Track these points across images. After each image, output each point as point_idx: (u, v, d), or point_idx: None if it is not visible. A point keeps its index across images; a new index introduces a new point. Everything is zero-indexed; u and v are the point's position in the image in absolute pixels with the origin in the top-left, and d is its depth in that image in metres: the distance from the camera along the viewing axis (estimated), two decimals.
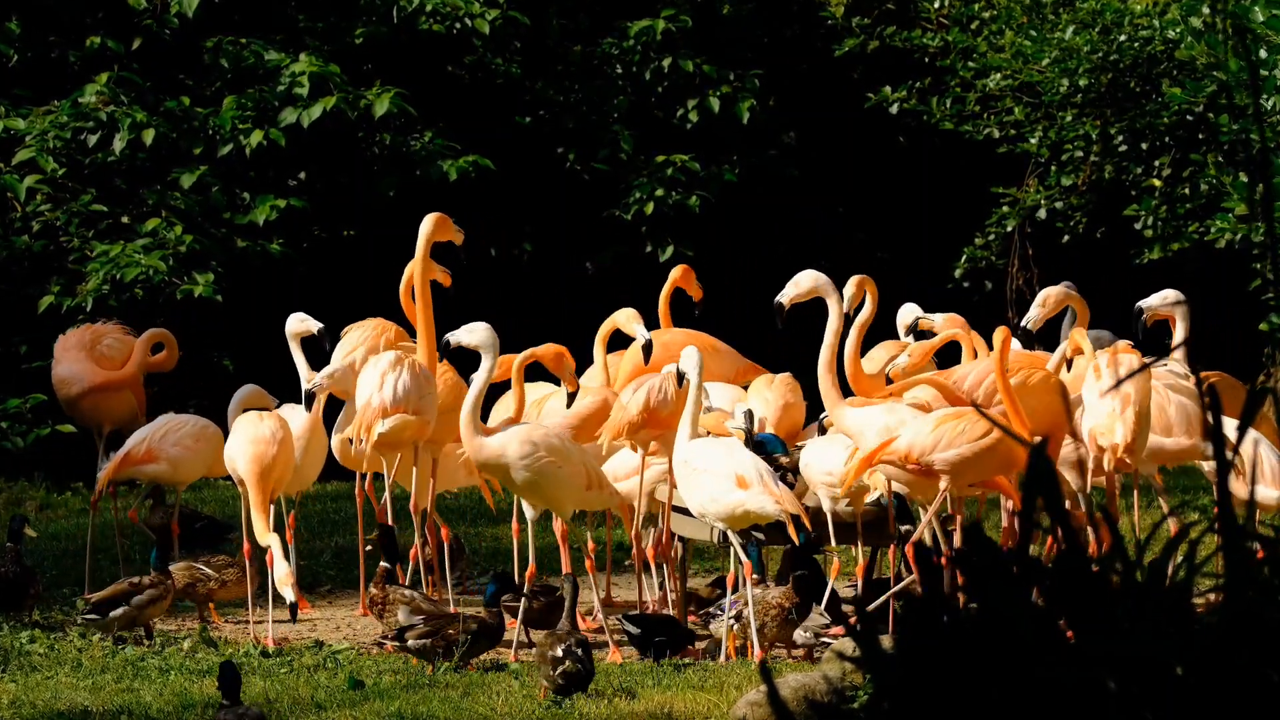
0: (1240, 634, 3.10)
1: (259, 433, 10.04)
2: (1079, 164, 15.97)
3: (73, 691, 8.67)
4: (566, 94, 18.24)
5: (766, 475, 9.20)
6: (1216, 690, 3.07)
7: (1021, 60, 15.38)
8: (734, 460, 9.24)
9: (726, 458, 9.26)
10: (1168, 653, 3.08)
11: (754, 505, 9.16)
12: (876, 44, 16.98)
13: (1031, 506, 3.28)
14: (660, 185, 17.71)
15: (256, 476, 9.91)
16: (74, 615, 10.49)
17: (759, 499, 9.14)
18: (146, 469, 10.85)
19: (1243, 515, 3.29)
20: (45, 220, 15.94)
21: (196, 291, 15.43)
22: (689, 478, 9.33)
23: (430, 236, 10.32)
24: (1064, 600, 3.19)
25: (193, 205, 16.02)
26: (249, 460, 9.96)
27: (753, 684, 8.49)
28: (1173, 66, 14.85)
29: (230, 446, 10.11)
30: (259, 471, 9.92)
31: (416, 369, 9.91)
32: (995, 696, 3.10)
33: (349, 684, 8.72)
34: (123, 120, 15.94)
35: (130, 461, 10.79)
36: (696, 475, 9.28)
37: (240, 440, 10.05)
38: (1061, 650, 3.14)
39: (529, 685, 8.72)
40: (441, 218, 10.35)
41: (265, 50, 16.63)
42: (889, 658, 3.21)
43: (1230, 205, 13.71)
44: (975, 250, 16.59)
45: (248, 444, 10.02)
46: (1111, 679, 3.06)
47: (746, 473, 9.17)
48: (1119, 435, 9.19)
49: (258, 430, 10.03)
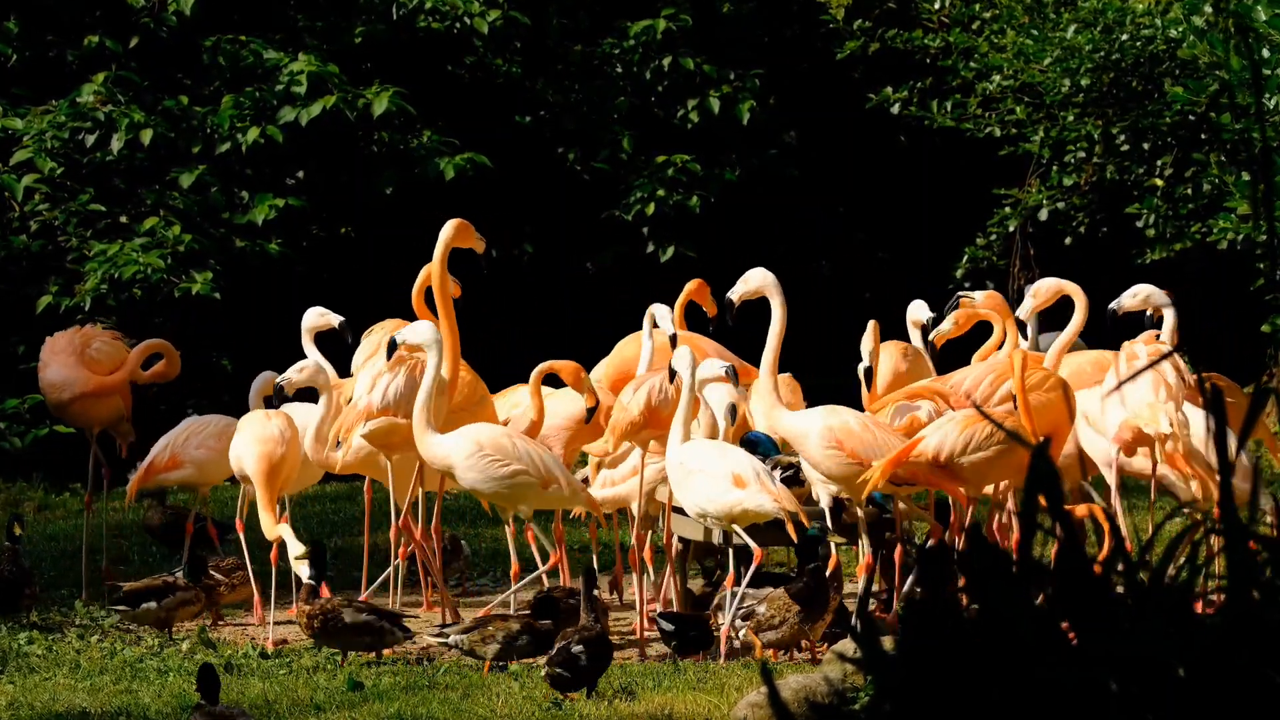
0: (1242, 635, 3.10)
1: (267, 431, 10.03)
2: (1081, 164, 15.97)
3: (71, 693, 8.67)
4: (567, 94, 18.25)
5: (763, 473, 9.21)
6: (1218, 691, 3.07)
7: (1023, 60, 15.38)
8: (730, 460, 9.25)
9: (721, 458, 9.27)
10: (1169, 654, 3.09)
11: (752, 504, 9.16)
12: (877, 46, 16.99)
13: (1033, 507, 3.28)
14: (661, 186, 17.71)
15: (264, 475, 9.89)
16: (72, 616, 10.49)
17: (757, 497, 9.15)
18: (172, 475, 10.82)
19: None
20: (43, 220, 15.94)
21: (195, 290, 15.44)
22: (684, 480, 9.33)
23: (449, 242, 10.09)
24: (1065, 601, 3.19)
25: (191, 205, 16.03)
26: (257, 459, 9.94)
27: (753, 685, 8.49)
28: (1175, 66, 14.86)
29: (237, 445, 10.09)
30: (267, 470, 9.90)
31: (416, 373, 9.85)
32: (997, 698, 3.11)
33: (348, 685, 8.72)
34: (120, 120, 15.94)
35: (155, 470, 10.77)
36: (692, 477, 9.29)
37: (248, 439, 10.04)
38: (1063, 651, 3.15)
39: (529, 687, 8.72)
40: (463, 223, 10.15)
41: (264, 49, 16.63)
42: (890, 659, 3.22)
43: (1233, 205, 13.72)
44: (976, 250, 16.59)
45: (255, 443, 10.00)
46: (1113, 680, 3.07)
47: (743, 471, 9.17)
48: (1164, 425, 9.15)
49: (265, 429, 10.02)
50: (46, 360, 11.57)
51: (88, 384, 11.44)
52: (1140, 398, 9.25)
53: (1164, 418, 9.17)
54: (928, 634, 3.22)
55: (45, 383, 11.52)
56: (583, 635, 8.58)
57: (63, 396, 11.43)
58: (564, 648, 8.52)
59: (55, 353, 11.57)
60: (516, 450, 9.51)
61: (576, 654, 8.50)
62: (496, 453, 9.48)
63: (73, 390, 11.40)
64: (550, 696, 8.50)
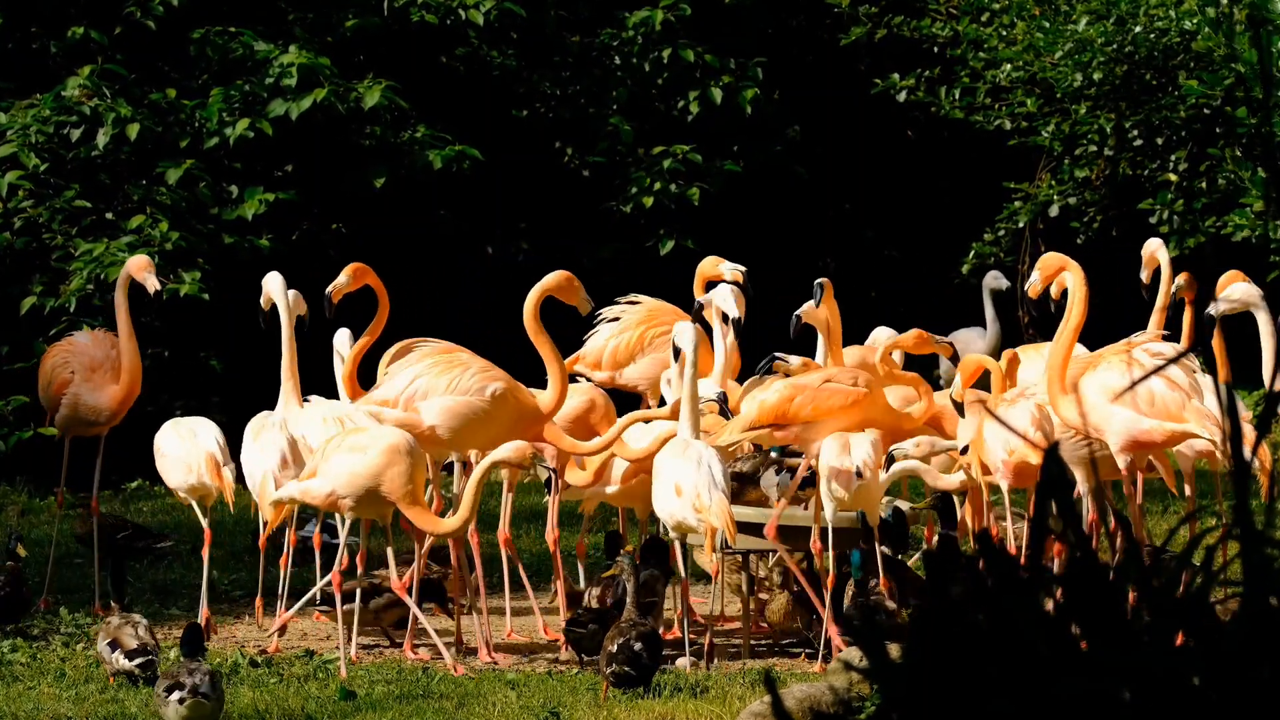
0: (1260, 643, 3.10)
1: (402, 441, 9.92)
2: (1093, 158, 15.97)
3: (55, 702, 8.67)
4: (564, 86, 18.25)
5: (704, 486, 9.08)
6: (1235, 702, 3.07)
7: (1033, 53, 15.38)
8: (679, 468, 9.21)
9: (672, 464, 9.25)
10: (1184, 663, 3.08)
11: (680, 515, 9.16)
12: (884, 33, 16.99)
13: (1045, 511, 3.28)
14: (660, 177, 17.71)
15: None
16: (57, 624, 10.48)
17: (684, 510, 9.12)
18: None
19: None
20: (27, 217, 15.92)
21: (183, 291, 15.43)
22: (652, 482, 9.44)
23: (548, 289, 9.97)
24: (1077, 608, 3.19)
25: (179, 200, 16.01)
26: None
27: (756, 694, 8.49)
28: (1189, 58, 14.86)
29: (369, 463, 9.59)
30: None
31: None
32: (1007, 708, 3.10)
33: (340, 695, 8.71)
34: (107, 114, 15.93)
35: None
36: (655, 480, 9.37)
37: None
38: (1075, 660, 3.14)
39: (526, 696, 8.73)
40: (569, 276, 9.98)
41: (254, 41, 16.63)
42: (897, 668, 3.21)
43: (1248, 201, 13.72)
44: (984, 246, 16.57)
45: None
46: (1126, 690, 3.06)
47: (683, 481, 9.16)
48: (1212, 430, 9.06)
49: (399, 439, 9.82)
50: (87, 381, 10.91)
51: (128, 399, 11.03)
52: (1173, 399, 9.13)
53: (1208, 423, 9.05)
54: (936, 642, 3.21)
55: (86, 406, 10.89)
56: (640, 631, 8.65)
57: (102, 418, 11.00)
58: (625, 644, 8.56)
59: (94, 370, 11.01)
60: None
61: (639, 651, 8.57)
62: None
63: (111, 409, 10.98)
64: (547, 705, 8.51)
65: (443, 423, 9.64)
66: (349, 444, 9.28)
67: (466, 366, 9.77)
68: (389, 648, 10.21)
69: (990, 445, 9.45)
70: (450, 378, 9.70)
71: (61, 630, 10.35)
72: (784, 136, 18.77)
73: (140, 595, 11.28)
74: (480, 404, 9.68)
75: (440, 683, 9.05)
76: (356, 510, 9.33)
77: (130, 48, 16.90)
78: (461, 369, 9.74)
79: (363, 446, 9.24)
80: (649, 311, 11.30)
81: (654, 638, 8.75)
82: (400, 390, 9.71)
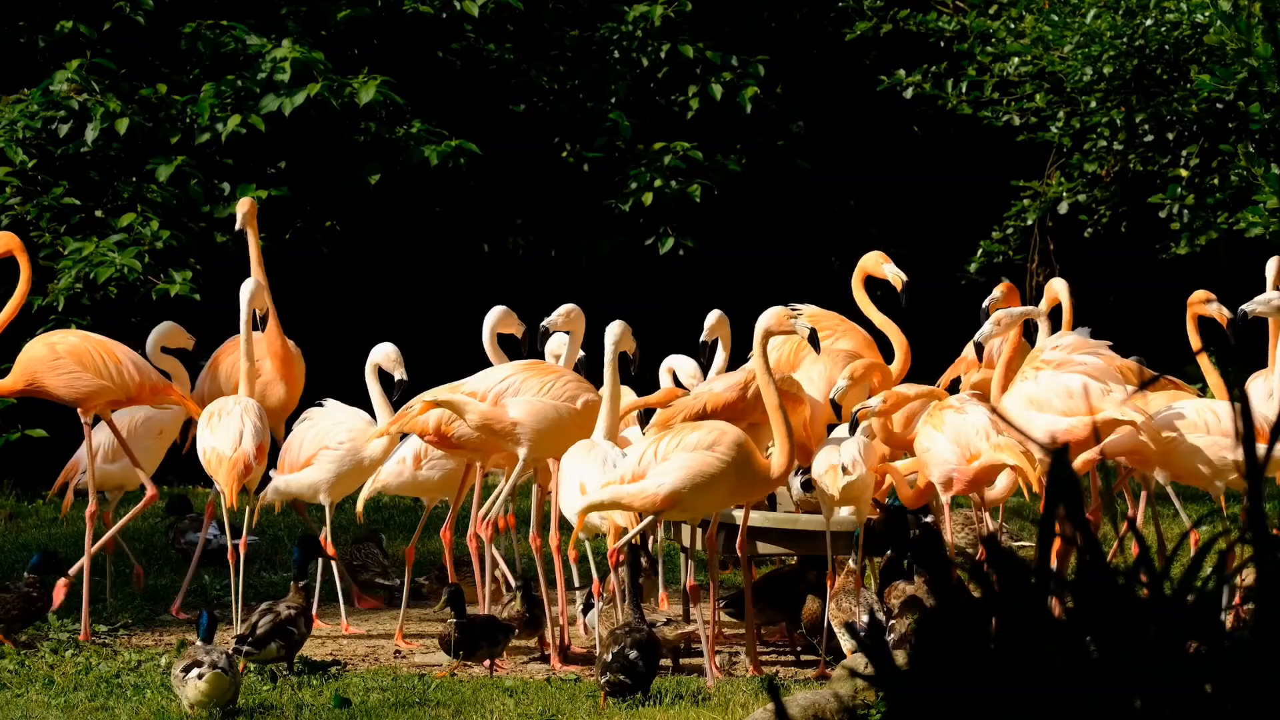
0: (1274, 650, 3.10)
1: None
2: (1103, 154, 15.97)
3: (44, 710, 8.67)
4: (562, 81, 18.25)
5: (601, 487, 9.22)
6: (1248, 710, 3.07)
7: (1042, 47, 15.38)
8: (584, 468, 9.32)
9: (578, 464, 9.37)
10: (1197, 671, 3.09)
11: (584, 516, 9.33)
12: (890, 27, 17.00)
13: (1053, 514, 3.28)
14: (660, 174, 17.71)
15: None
16: (45, 630, 10.47)
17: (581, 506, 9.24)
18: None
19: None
20: (15, 214, 15.91)
21: (173, 291, 15.42)
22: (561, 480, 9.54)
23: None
24: (1087, 614, 3.19)
25: (170, 198, 16.01)
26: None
27: (759, 702, 8.49)
28: (1201, 52, 14.85)
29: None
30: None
31: None
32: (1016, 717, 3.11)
33: (335, 702, 8.72)
34: (95, 109, 15.93)
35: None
36: (560, 480, 9.50)
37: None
38: (1085, 668, 3.15)
39: (524, 703, 8.73)
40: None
41: (246, 35, 16.63)
42: (903, 675, 3.22)
43: (1261, 198, 13.72)
44: (992, 244, 16.58)
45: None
46: (1137, 698, 3.07)
47: (588, 481, 9.24)
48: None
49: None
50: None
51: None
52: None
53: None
54: (943, 649, 3.22)
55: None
56: (635, 638, 8.64)
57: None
58: (620, 653, 8.55)
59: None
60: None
61: (634, 660, 8.56)
62: None
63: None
64: (545, 713, 8.51)
65: (527, 421, 9.75)
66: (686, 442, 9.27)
67: (561, 375, 9.93)
68: (386, 653, 10.22)
69: (941, 454, 9.46)
70: (544, 381, 9.83)
71: (50, 636, 10.34)
72: (787, 132, 18.77)
73: (130, 601, 11.28)
74: (568, 410, 9.79)
75: (436, 690, 9.06)
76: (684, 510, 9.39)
77: (120, 42, 16.90)
78: (556, 376, 9.90)
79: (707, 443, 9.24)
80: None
81: (650, 644, 8.71)
82: (492, 384, 9.83)
